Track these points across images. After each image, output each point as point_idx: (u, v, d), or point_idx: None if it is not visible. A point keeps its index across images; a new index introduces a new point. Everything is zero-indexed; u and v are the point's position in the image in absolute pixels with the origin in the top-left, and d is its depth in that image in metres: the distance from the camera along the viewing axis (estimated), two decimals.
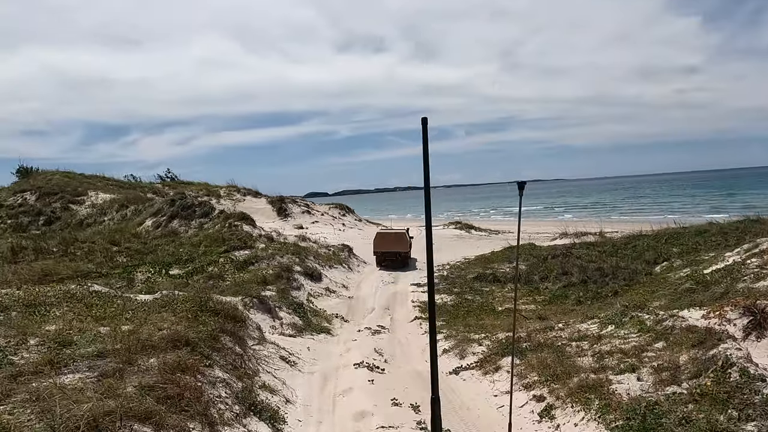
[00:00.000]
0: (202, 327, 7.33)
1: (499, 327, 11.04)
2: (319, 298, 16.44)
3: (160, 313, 8.08)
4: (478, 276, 19.70)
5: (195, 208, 23.88)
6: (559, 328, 8.96)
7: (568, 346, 7.60)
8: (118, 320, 7.51)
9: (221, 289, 13.77)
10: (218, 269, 16.89)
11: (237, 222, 21.26)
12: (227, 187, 35.29)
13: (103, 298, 8.90)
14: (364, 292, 18.31)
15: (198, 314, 7.96)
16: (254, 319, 10.25)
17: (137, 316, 7.78)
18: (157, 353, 5.84)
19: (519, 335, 9.34)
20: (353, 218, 39.55)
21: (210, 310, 8.12)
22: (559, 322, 9.87)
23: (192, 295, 8.96)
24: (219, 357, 6.39)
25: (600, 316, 9.18)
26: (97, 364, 5.45)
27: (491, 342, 9.31)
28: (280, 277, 16.20)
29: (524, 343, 8.58)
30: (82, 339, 6.27)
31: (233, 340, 7.14)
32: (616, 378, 5.77)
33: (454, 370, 8.06)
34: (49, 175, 32.00)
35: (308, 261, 18.61)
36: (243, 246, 18.45)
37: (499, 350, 8.33)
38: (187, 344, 6.22)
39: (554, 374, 6.40)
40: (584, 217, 53.09)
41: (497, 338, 9.54)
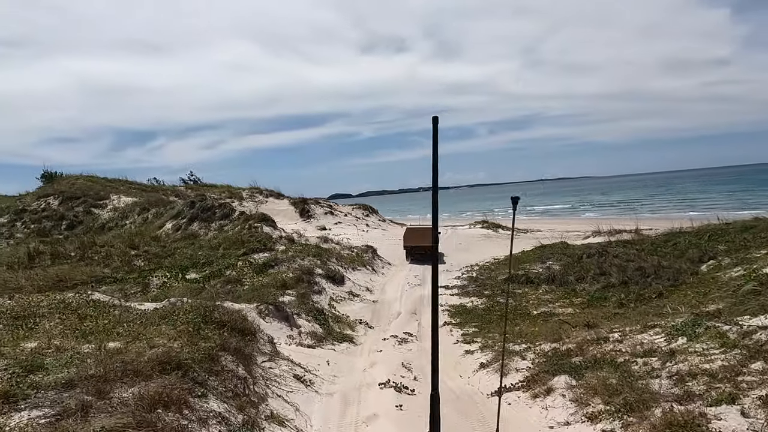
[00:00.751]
0: (203, 343, 6.20)
1: (540, 336, 9.72)
2: (342, 302, 15.29)
3: (159, 325, 6.99)
4: (509, 277, 18.32)
5: (215, 209, 22.97)
6: (615, 339, 7.62)
7: (633, 363, 6.28)
8: (108, 335, 6.42)
9: (237, 295, 12.73)
10: (236, 273, 15.87)
11: (257, 223, 20.26)
12: (249, 189, 34.46)
13: (99, 309, 7.86)
14: (390, 295, 17.11)
15: (200, 327, 6.84)
16: (268, 330, 9.13)
17: (131, 330, 6.70)
18: (139, 380, 4.72)
19: (567, 347, 8.02)
20: (377, 219, 38.38)
21: (214, 322, 7.01)
22: (611, 331, 8.51)
23: (197, 304, 7.86)
24: (217, 382, 5.26)
25: (663, 324, 7.81)
26: (62, 397, 4.34)
27: (535, 354, 8.02)
28: (301, 280, 15.11)
29: (575, 357, 7.27)
30: (57, 361, 5.18)
31: (237, 359, 6.00)
32: (711, 411, 4.46)
33: (497, 392, 6.79)
34: (72, 180, 31.56)
35: (330, 263, 17.48)
36: (262, 248, 17.42)
37: (549, 367, 7.03)
38: (179, 367, 5.10)
39: (625, 402, 5.10)
40: (613, 215, 51.13)
41: (541, 350, 8.24)
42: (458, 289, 17.47)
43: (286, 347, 9.02)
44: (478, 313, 14.78)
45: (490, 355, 8.58)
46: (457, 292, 17.05)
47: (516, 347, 8.80)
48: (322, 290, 15.19)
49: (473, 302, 15.91)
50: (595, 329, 9.08)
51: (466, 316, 14.42)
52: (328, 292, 15.42)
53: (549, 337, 9.07)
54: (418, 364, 8.64)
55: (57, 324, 7.15)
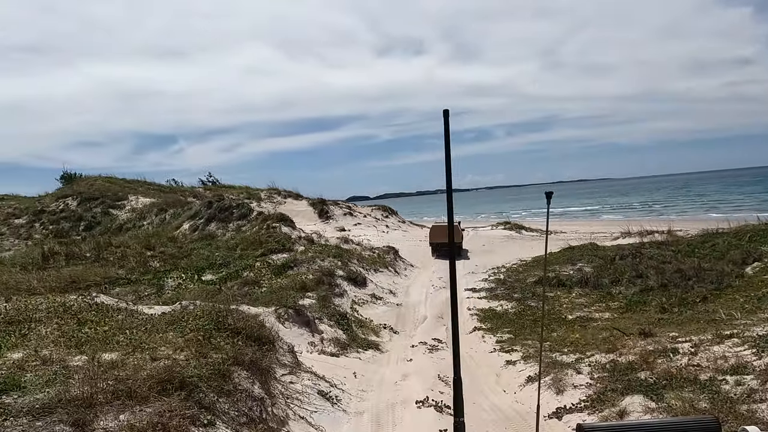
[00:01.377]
0: (214, 354, 5.26)
1: (588, 344, 8.63)
2: (365, 305, 14.31)
3: (166, 332, 6.07)
4: (540, 280, 17.16)
5: (233, 210, 22.18)
6: (686, 351, 6.52)
7: (723, 383, 5.21)
8: (106, 344, 5.51)
9: (254, 297, 11.83)
10: (254, 274, 14.98)
11: (275, 224, 19.39)
12: (268, 190, 33.71)
13: (102, 313, 6.97)
14: (414, 298, 16.09)
15: (212, 335, 5.90)
16: (288, 336, 8.17)
17: (133, 338, 5.78)
18: (133, 404, 3.78)
19: (627, 358, 6.94)
20: (396, 220, 37.38)
21: (228, 329, 6.07)
22: (675, 341, 7.41)
23: (210, 307, 6.93)
24: (228, 405, 4.33)
25: (741, 334, 6.69)
26: (34, 427, 3.40)
27: (591, 368, 6.95)
28: (321, 282, 14.16)
29: (641, 372, 6.19)
30: (38, 378, 4.25)
31: (252, 374, 5.07)
32: None
33: (556, 412, 5.74)
34: (91, 181, 31.08)
35: (351, 265, 16.52)
36: (281, 249, 16.53)
37: (615, 384, 5.96)
38: (182, 386, 4.16)
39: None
40: (635, 217, 49.56)
41: (597, 362, 7.16)
42: (486, 292, 16.39)
43: (308, 356, 8.06)
44: (510, 318, 13.72)
45: (535, 367, 7.52)
46: (486, 296, 15.98)
47: (565, 358, 7.73)
48: (344, 293, 14.23)
49: (503, 306, 14.84)
50: (652, 338, 7.97)
51: (497, 321, 13.37)
52: (349, 294, 14.46)
53: (601, 346, 7.98)
54: None
55: (53, 330, 6.26)
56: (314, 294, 13.04)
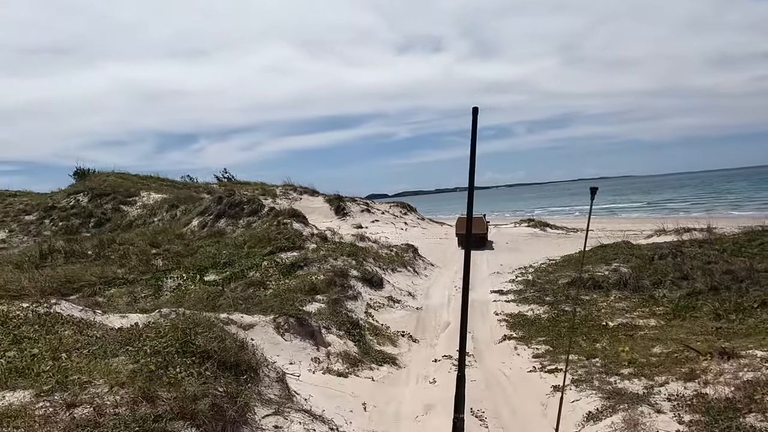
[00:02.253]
0: (165, 394, 3.69)
1: (650, 364, 6.91)
2: (381, 309, 12.73)
3: (116, 356, 4.53)
4: (573, 281, 15.37)
5: (243, 205, 20.78)
6: None
7: None
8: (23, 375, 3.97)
9: (257, 301, 10.34)
10: (260, 274, 13.52)
11: (286, 220, 17.90)
12: (283, 186, 32.33)
13: (48, 327, 5.48)
14: (435, 301, 14.46)
15: (173, 361, 4.35)
16: (288, 351, 6.66)
17: (68, 365, 4.25)
18: None
19: (719, 390, 5.24)
20: (415, 217, 35.74)
21: (196, 353, 4.52)
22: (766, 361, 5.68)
23: (182, 320, 5.39)
24: None
25: None
26: None
27: (673, 403, 5.25)
28: (333, 283, 12.64)
29: (748, 414, 4.50)
30: None
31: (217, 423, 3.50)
32: None
33: None
34: (103, 177, 30.01)
35: (367, 264, 14.95)
36: (291, 247, 15.03)
37: None
38: None
39: None
40: (663, 214, 47.20)
41: (678, 394, 5.46)
42: (515, 294, 14.69)
43: (309, 377, 6.50)
44: (543, 325, 12.05)
45: (596, 399, 5.82)
46: (514, 299, 14.29)
47: (629, 385, 6.04)
48: (358, 295, 12.67)
49: (534, 311, 13.16)
50: (737, 359, 6.22)
51: (529, 329, 11.71)
52: (364, 297, 12.90)
53: (672, 369, 6.27)
54: (491, 407, 5.99)
55: None
56: (324, 297, 11.51)
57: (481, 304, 14.19)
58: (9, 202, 28.12)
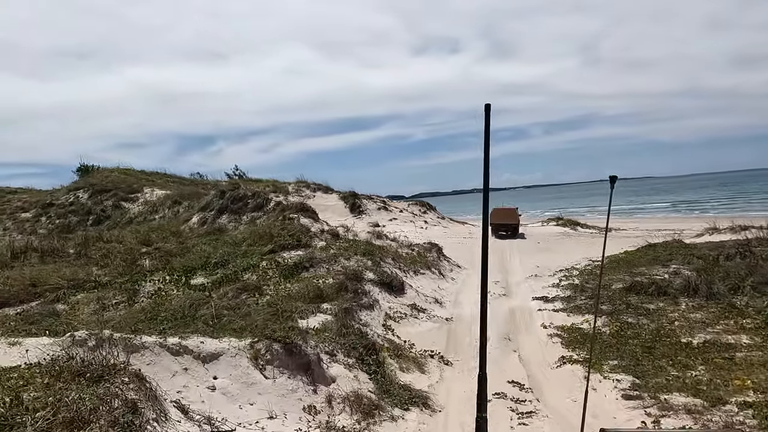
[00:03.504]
0: None
1: None
2: (402, 321, 10.11)
3: None
4: (632, 286, 12.57)
5: (248, 200, 18.35)
6: None
7: None
8: None
9: (245, 312, 7.81)
10: (257, 277, 11.01)
11: (293, 215, 15.40)
12: (296, 183, 29.84)
13: None
14: (467, 309, 11.80)
15: None
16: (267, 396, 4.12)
17: None
18: None
19: None
20: (435, 216, 33.05)
21: None
22: None
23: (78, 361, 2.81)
24: None
25: None
26: None
27: None
28: (344, 288, 10.07)
29: None
30: None
31: None
32: None
33: None
34: (107, 173, 27.86)
35: (385, 265, 12.34)
36: (296, 244, 12.49)
37: None
38: None
39: None
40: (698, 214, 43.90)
41: None
42: (563, 302, 11.97)
43: None
44: (607, 342, 9.34)
45: None
46: (563, 307, 11.57)
47: None
48: (374, 303, 10.07)
49: (590, 322, 10.41)
50: None
51: (591, 347, 9.01)
52: (382, 305, 10.29)
53: None
54: None
55: None
56: (333, 306, 8.93)
57: (523, 313, 11.50)
58: (7, 200, 26.10)
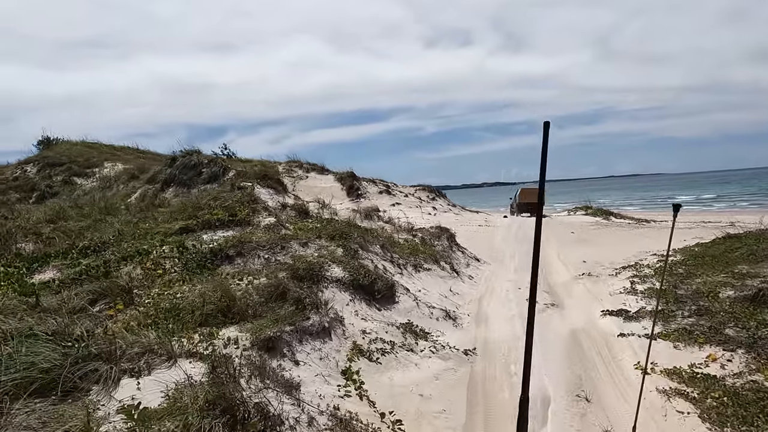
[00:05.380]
0: None
1: None
2: (384, 360, 5.16)
3: None
4: (760, 295, 7.47)
5: (201, 168, 13.57)
6: None
7: None
8: None
9: (77, 352, 2.85)
10: (142, 271, 6.14)
11: (247, 183, 10.61)
12: (287, 163, 25.03)
13: None
14: (498, 330, 6.82)
15: None
16: None
17: None
18: None
19: None
20: (445, 203, 28.08)
21: None
22: None
23: None
24: None
25: None
26: None
27: None
28: (280, 296, 5.14)
29: None
30: None
31: None
32: None
33: None
34: (68, 146, 23.26)
35: (367, 256, 7.40)
36: (229, 221, 7.58)
37: None
38: None
39: None
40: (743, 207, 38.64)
41: None
42: (659, 322, 6.92)
43: None
44: None
45: None
46: (661, 330, 6.54)
47: None
48: (333, 325, 5.14)
49: (724, 364, 5.35)
50: None
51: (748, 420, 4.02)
52: (349, 328, 5.36)
53: None
54: None
55: None
56: (243, 335, 4.04)
57: (593, 339, 6.53)
58: None
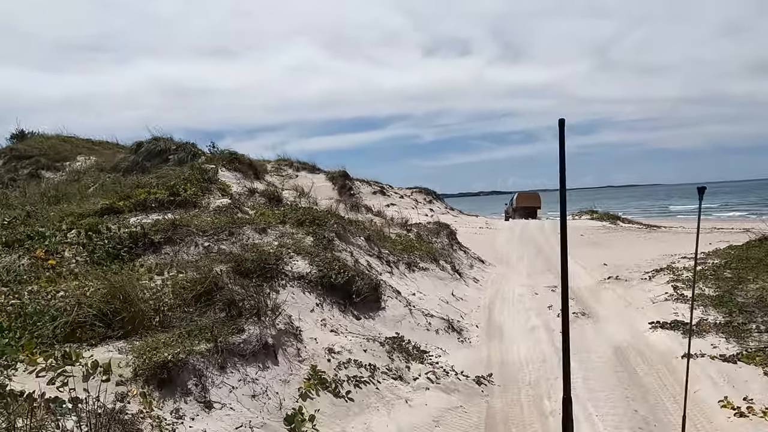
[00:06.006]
0: None
1: None
2: (364, 390, 3.34)
3: None
4: None
5: (169, 155, 11.88)
6: None
7: None
8: None
9: None
10: (32, 260, 4.34)
11: (209, 166, 8.91)
12: (276, 162, 23.21)
13: None
14: (518, 348, 5.02)
15: None
16: None
17: None
18: None
19: None
20: (442, 206, 26.43)
21: None
22: None
23: None
24: None
25: None
26: None
27: None
28: (206, 295, 3.33)
29: None
30: None
31: None
32: None
33: None
34: (43, 139, 21.44)
35: (345, 248, 5.62)
36: (169, 202, 5.79)
37: None
38: None
39: None
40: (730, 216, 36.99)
41: None
42: (723, 334, 5.14)
43: None
44: None
45: None
46: (739, 350, 4.75)
47: None
48: (283, 342, 3.33)
49: None
50: None
51: None
52: (310, 344, 3.56)
53: None
54: None
55: None
56: (130, 353, 2.23)
57: (650, 361, 4.74)
58: None
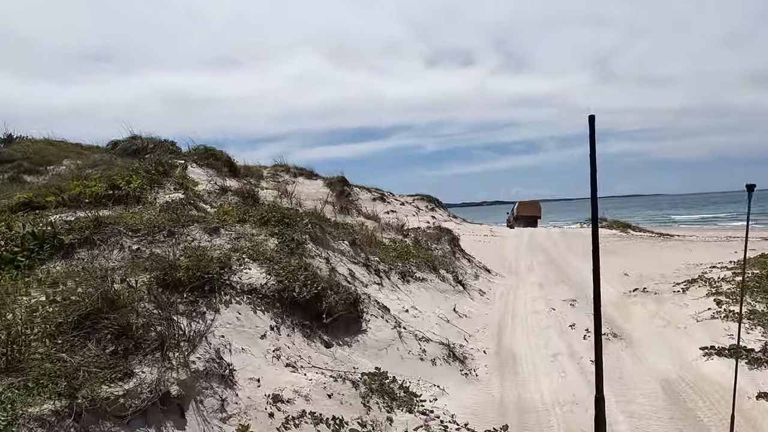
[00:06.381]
0: None
1: None
2: None
3: None
4: None
5: (146, 154, 10.76)
6: None
7: None
8: None
9: None
10: None
11: (179, 161, 7.84)
12: (273, 167, 22.13)
13: None
14: (539, 386, 3.82)
15: None
16: None
17: None
18: None
19: None
20: (445, 213, 25.26)
21: None
22: None
23: None
24: None
25: None
26: None
27: None
28: (93, 327, 2.15)
29: None
30: None
31: None
32: None
33: None
34: (29, 143, 20.48)
35: (320, 253, 4.48)
36: (107, 197, 4.68)
37: None
38: None
39: None
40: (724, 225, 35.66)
41: None
42: None
43: None
44: None
45: None
46: None
47: None
48: (198, 390, 2.18)
49: None
50: None
51: None
52: (244, 393, 2.39)
53: None
54: None
55: None
56: None
57: (704, 399, 3.56)
58: None
